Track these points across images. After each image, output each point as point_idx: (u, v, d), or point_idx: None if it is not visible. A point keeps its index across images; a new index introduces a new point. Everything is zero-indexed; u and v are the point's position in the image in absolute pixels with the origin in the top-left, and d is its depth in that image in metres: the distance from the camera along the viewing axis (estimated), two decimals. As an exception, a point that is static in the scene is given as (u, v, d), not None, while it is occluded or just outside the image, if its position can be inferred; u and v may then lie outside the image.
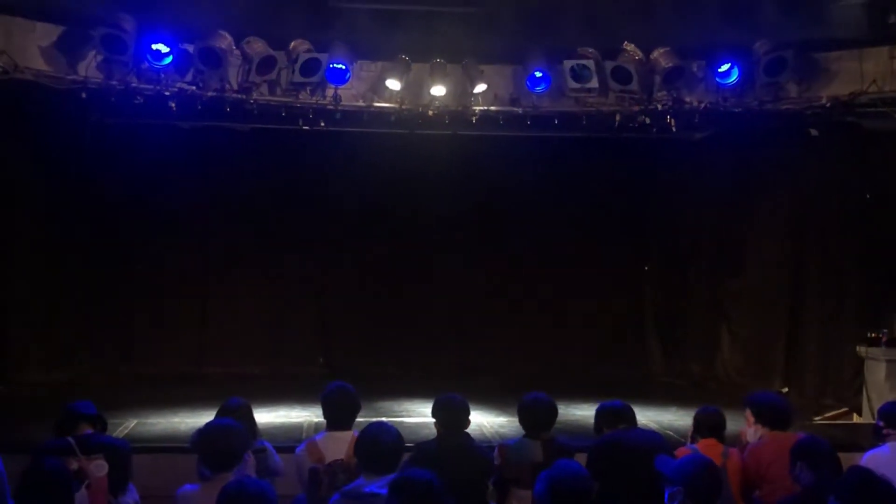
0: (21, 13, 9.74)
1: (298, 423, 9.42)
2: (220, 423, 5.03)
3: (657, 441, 5.86)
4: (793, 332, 11.56)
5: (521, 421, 5.93)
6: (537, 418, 5.84)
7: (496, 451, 5.86)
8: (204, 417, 7.22)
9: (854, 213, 11.00)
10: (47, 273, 11.50)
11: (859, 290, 10.90)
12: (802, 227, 11.57)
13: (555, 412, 5.90)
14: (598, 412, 5.94)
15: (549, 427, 5.87)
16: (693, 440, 5.99)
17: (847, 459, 5.59)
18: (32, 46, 9.79)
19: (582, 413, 10.00)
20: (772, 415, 5.92)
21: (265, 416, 9.17)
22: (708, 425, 5.98)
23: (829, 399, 10.82)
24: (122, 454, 5.43)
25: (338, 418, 5.71)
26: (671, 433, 8.34)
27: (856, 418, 10.31)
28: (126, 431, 8.80)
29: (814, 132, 10.55)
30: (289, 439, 8.08)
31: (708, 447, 5.73)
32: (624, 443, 5.76)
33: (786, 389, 11.05)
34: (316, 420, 8.99)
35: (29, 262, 11.36)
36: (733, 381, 12.02)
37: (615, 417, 5.85)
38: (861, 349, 10.34)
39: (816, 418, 10.10)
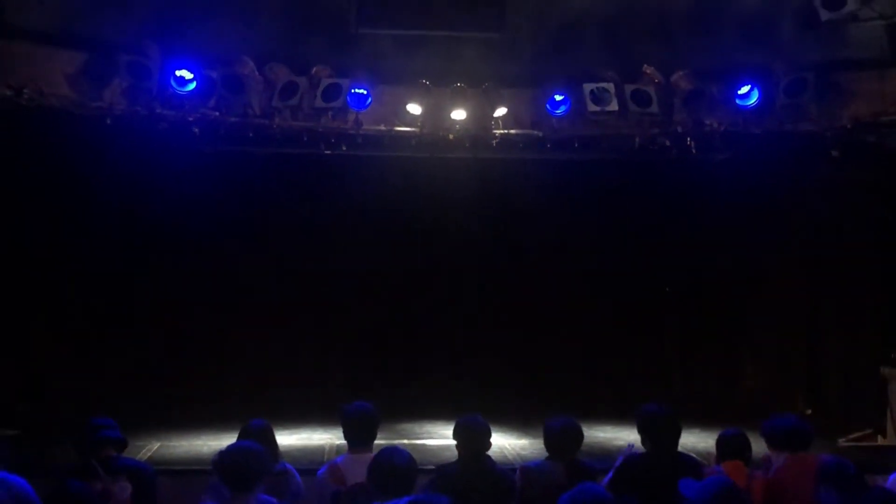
0: (47, 41, 9.89)
1: (320, 445, 9.44)
2: (240, 445, 5.06)
3: (685, 462, 5.82)
4: (815, 353, 11.50)
5: (546, 444, 5.90)
6: (564, 442, 5.81)
7: (518, 472, 5.85)
8: (226, 440, 7.25)
9: (875, 233, 10.94)
10: (70, 295, 11.59)
11: (881, 311, 10.82)
12: (823, 247, 11.52)
13: (581, 436, 5.88)
14: (638, 415, 5.93)
15: (574, 451, 5.85)
16: (718, 462, 5.96)
17: (872, 482, 5.54)
18: (58, 74, 9.93)
19: (605, 435, 9.99)
20: (787, 439, 5.87)
21: (287, 439, 9.20)
22: (731, 448, 5.94)
23: (853, 420, 10.72)
24: (146, 477, 5.48)
25: (358, 438, 5.72)
26: (693, 455, 8.28)
27: (880, 440, 10.22)
28: (149, 454, 8.85)
29: (835, 153, 10.51)
30: (310, 462, 8.10)
31: (733, 469, 5.71)
32: (648, 463, 5.75)
33: (809, 411, 10.97)
34: (338, 442, 9.01)
35: (51, 285, 11.44)
36: (755, 402, 11.95)
37: (654, 422, 5.84)
38: (884, 370, 10.26)
39: (841, 440, 10.02)
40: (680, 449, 6.00)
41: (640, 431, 5.91)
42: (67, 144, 10.62)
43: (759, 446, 6.33)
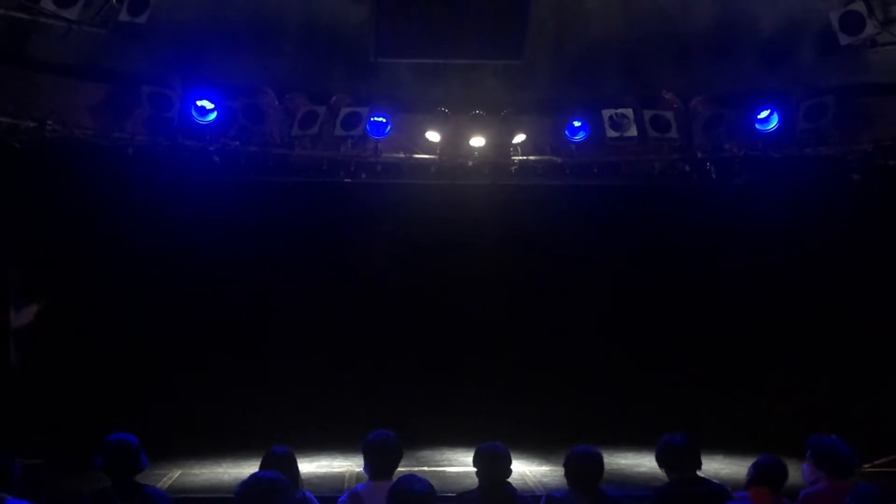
0: (70, 74, 10.02)
1: (340, 472, 9.42)
2: (262, 475, 5.04)
3: (715, 491, 5.74)
4: (840, 378, 11.40)
5: (568, 474, 5.78)
6: (587, 473, 5.70)
7: (543, 501, 5.78)
8: (247, 468, 7.26)
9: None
10: (91, 324, 11.61)
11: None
12: (847, 270, 11.44)
13: (602, 467, 5.78)
14: (659, 448, 5.87)
15: (596, 482, 5.75)
16: (746, 488, 5.86)
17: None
18: (81, 105, 10.06)
19: (626, 462, 9.93)
20: (831, 461, 5.81)
21: (307, 466, 9.19)
22: (767, 475, 5.82)
23: (878, 446, 10.61)
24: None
25: (380, 467, 5.70)
26: (716, 481, 8.20)
27: (906, 466, 10.12)
28: (170, 482, 8.86)
29: (856, 177, 10.48)
30: (331, 489, 8.09)
31: (758, 496, 5.63)
32: (678, 495, 5.68)
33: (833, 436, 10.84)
34: (358, 470, 8.98)
35: (71, 314, 11.46)
36: (780, 428, 11.84)
37: (676, 453, 5.78)
38: (910, 395, 10.18)
39: (866, 466, 9.91)
40: (702, 475, 5.92)
41: (657, 461, 5.87)
42: (90, 175, 10.72)
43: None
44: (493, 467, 5.67)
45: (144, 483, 5.67)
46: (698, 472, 5.86)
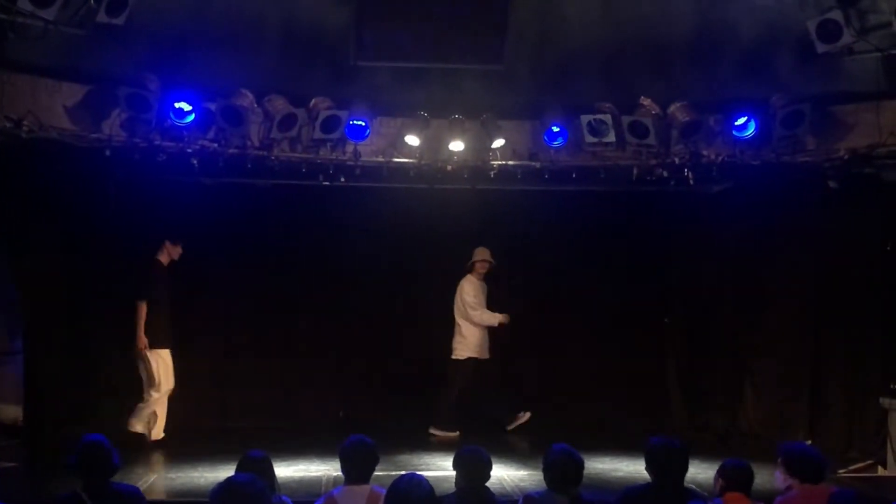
0: (47, 74, 9.94)
1: (317, 476, 9.37)
2: (237, 478, 5.01)
3: (690, 495, 5.76)
4: (816, 385, 11.45)
5: (547, 474, 5.75)
6: (567, 473, 5.69)
7: (521, 501, 5.78)
8: (224, 472, 7.22)
9: (875, 263, 10.94)
10: (65, 327, 11.50)
11: (882, 342, 10.80)
12: (823, 278, 11.51)
13: (581, 468, 5.78)
14: (648, 447, 5.86)
15: (577, 483, 5.74)
16: (720, 495, 5.89)
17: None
18: (58, 106, 9.98)
19: (603, 467, 9.93)
20: (802, 467, 5.84)
21: (284, 470, 9.14)
22: (736, 479, 5.86)
23: (853, 452, 10.69)
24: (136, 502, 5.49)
25: (356, 472, 5.70)
26: (693, 487, 8.23)
27: (881, 471, 10.17)
28: (146, 486, 8.79)
29: (832, 184, 10.55)
30: (308, 493, 8.06)
31: (734, 501, 5.66)
32: (653, 496, 5.70)
33: (809, 442, 10.91)
34: (335, 474, 8.95)
35: (45, 319, 11.35)
36: (756, 434, 11.91)
37: (665, 455, 5.77)
38: (884, 401, 10.23)
39: (841, 471, 9.97)
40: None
41: (647, 463, 5.83)
42: (66, 176, 10.63)
43: (759, 479, 6.29)
44: (473, 472, 5.67)
45: (118, 481, 5.66)
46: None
